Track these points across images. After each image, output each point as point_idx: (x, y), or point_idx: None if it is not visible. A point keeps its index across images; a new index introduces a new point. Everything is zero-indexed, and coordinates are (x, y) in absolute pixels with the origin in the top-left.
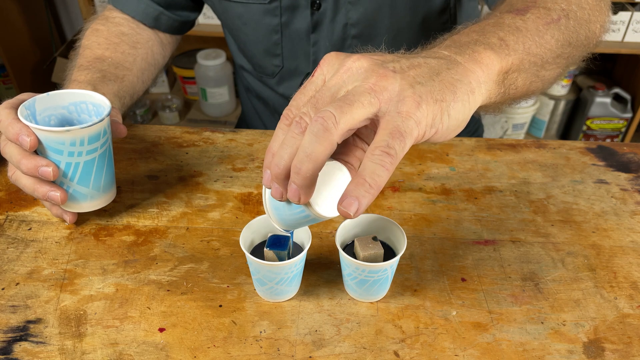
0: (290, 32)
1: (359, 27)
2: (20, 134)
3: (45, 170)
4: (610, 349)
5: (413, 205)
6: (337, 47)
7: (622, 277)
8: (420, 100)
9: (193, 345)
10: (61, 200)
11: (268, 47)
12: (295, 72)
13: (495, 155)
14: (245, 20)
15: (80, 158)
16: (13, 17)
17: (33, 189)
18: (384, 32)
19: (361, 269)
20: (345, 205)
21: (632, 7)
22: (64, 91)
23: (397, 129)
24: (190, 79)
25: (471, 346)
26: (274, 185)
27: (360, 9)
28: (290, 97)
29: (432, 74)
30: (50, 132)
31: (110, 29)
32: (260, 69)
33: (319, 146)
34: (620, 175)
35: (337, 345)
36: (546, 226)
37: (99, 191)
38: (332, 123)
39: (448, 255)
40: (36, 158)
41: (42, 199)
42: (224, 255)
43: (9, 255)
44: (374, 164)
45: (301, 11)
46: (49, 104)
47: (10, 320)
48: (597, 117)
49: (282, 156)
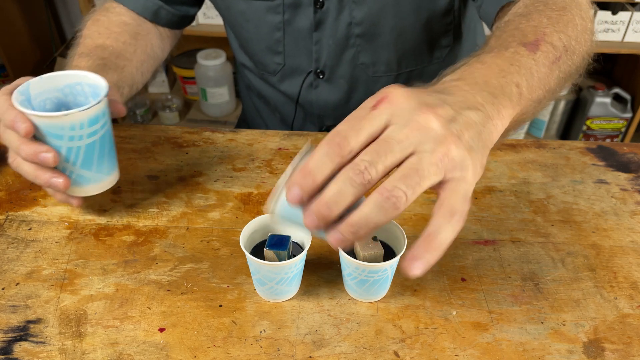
0: (292, 30)
1: (363, 27)
2: (15, 120)
3: (45, 157)
4: (610, 349)
5: (413, 205)
6: (341, 45)
7: (622, 277)
8: (475, 168)
9: (193, 345)
10: (64, 187)
11: (270, 45)
12: (297, 70)
13: (495, 155)
14: (247, 17)
15: (82, 142)
16: (13, 17)
17: (35, 175)
18: (388, 31)
19: (361, 269)
20: (413, 268)
21: (632, 7)
22: (58, 73)
23: (466, 195)
24: (190, 79)
25: (471, 346)
26: (310, 216)
27: (365, 8)
28: (291, 95)
29: (478, 135)
30: (49, 118)
31: (111, 18)
32: (262, 67)
33: (383, 219)
34: (620, 175)
35: (337, 345)
36: (546, 226)
37: (103, 174)
38: (402, 203)
39: (448, 255)
40: (35, 144)
41: (44, 185)
42: (224, 255)
43: (9, 255)
44: (448, 228)
45: (304, 9)
46: (43, 87)
47: (11, 320)
48: (597, 117)
49: (338, 204)
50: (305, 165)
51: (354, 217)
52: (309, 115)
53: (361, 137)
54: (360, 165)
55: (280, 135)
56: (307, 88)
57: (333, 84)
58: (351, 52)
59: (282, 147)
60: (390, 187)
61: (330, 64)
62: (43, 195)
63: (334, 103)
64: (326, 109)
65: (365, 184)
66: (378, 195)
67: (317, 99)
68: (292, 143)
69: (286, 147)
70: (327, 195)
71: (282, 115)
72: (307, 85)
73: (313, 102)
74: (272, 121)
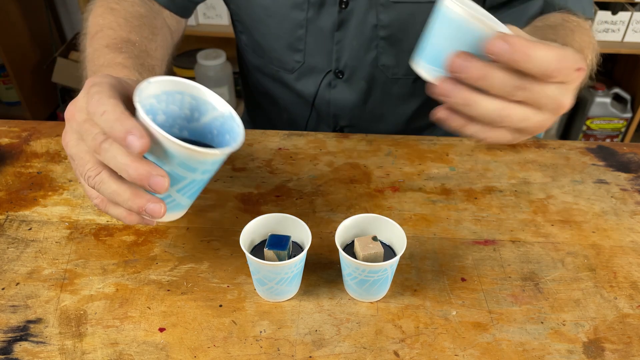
0: (314, 28)
1: (389, 30)
2: (130, 132)
3: (158, 182)
4: (610, 349)
5: (413, 205)
6: (364, 47)
7: (622, 277)
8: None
9: (193, 345)
10: (161, 215)
11: (291, 42)
12: (316, 69)
13: (495, 155)
14: (270, 13)
15: (205, 175)
16: (13, 17)
17: (126, 198)
18: (413, 36)
19: (361, 269)
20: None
21: (632, 7)
22: (166, 79)
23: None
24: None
25: (471, 346)
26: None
27: (393, 12)
28: (307, 95)
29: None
30: (193, 152)
31: (127, 8)
32: (280, 64)
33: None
34: (620, 175)
35: (337, 345)
36: (546, 226)
37: (192, 201)
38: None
39: (448, 255)
40: (150, 164)
41: (136, 210)
42: (224, 255)
43: (9, 255)
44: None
45: (328, 8)
46: (149, 91)
47: (11, 320)
48: (597, 117)
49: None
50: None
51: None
52: (324, 116)
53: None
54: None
55: (280, 135)
56: (324, 88)
57: (352, 84)
58: (373, 53)
59: (282, 147)
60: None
61: (351, 65)
62: (43, 195)
63: (352, 103)
64: (343, 109)
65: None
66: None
67: (334, 98)
68: (292, 143)
69: (286, 147)
70: (487, 106)
71: (293, 115)
72: (325, 85)
73: (330, 102)
74: (279, 121)
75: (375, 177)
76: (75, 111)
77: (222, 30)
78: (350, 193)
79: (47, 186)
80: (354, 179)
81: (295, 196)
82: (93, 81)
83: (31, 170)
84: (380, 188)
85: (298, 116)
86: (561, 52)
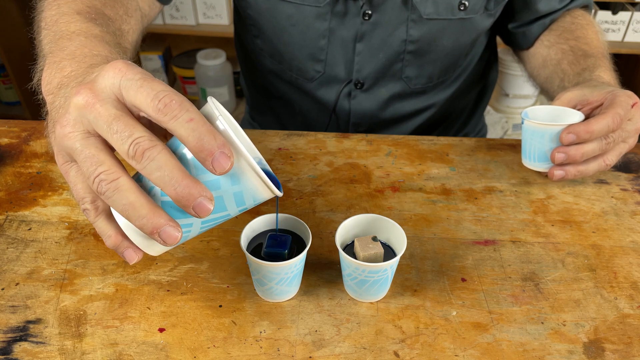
0: (336, 39)
1: (418, 44)
2: (222, 149)
3: (205, 206)
4: (611, 349)
5: (413, 205)
6: (392, 60)
7: (622, 277)
8: None
9: (193, 346)
10: (174, 242)
11: (313, 52)
12: (335, 79)
13: (495, 155)
14: (294, 22)
15: (235, 211)
16: (13, 17)
17: (143, 214)
18: (440, 49)
19: (361, 269)
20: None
21: (632, 7)
22: (228, 114)
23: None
24: (190, 79)
25: (471, 346)
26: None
27: (424, 28)
28: (327, 103)
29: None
30: (265, 187)
31: None
32: (300, 73)
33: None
34: (620, 175)
35: (337, 345)
36: (546, 226)
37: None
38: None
39: (448, 255)
40: (202, 185)
41: (149, 230)
42: (224, 255)
43: (9, 255)
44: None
45: (350, 18)
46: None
47: (10, 320)
48: None
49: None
50: (586, 129)
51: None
52: (343, 123)
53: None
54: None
55: (280, 136)
56: (344, 97)
57: (371, 94)
58: (399, 66)
59: (282, 147)
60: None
61: (373, 76)
62: (43, 196)
63: (371, 112)
64: (363, 118)
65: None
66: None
67: (353, 108)
68: (292, 143)
69: (286, 147)
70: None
71: (309, 120)
72: (344, 95)
73: (350, 111)
74: (293, 124)
75: (375, 177)
76: (92, 98)
77: (222, 30)
78: (350, 193)
79: (47, 186)
80: (354, 179)
81: (295, 196)
82: (128, 63)
83: (31, 170)
84: (380, 188)
85: (315, 120)
86: (611, 112)
